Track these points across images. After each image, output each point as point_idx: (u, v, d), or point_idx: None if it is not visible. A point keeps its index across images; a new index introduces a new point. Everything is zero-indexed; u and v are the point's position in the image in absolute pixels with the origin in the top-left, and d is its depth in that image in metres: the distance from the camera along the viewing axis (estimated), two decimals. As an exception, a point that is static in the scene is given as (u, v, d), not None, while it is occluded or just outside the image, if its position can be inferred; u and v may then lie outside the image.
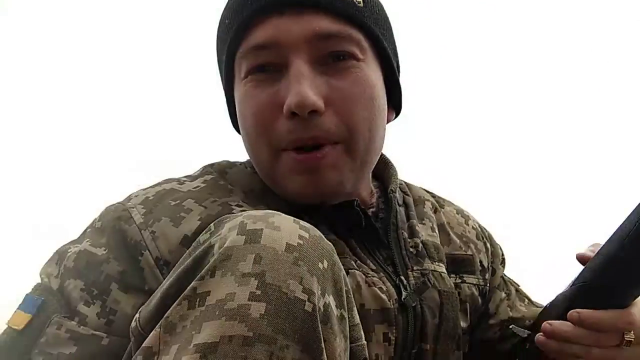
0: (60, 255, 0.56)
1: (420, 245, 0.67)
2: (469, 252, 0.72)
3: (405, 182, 0.76)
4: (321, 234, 0.44)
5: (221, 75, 0.66)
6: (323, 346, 0.39)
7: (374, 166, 0.65)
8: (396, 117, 0.70)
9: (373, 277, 0.59)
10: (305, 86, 0.54)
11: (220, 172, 0.65)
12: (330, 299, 0.41)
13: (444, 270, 0.66)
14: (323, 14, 0.56)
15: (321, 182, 0.57)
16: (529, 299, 0.82)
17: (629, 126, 1.88)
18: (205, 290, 0.39)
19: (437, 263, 0.66)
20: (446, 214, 0.75)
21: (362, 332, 0.46)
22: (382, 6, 0.64)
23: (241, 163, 0.68)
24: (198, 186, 0.61)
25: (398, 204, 0.69)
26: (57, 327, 0.50)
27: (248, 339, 0.36)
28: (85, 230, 0.58)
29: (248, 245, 0.39)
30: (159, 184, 0.61)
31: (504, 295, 0.79)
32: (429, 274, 0.64)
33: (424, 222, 0.70)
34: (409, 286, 0.62)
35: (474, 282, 0.71)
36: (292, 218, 0.43)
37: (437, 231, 0.71)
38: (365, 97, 0.58)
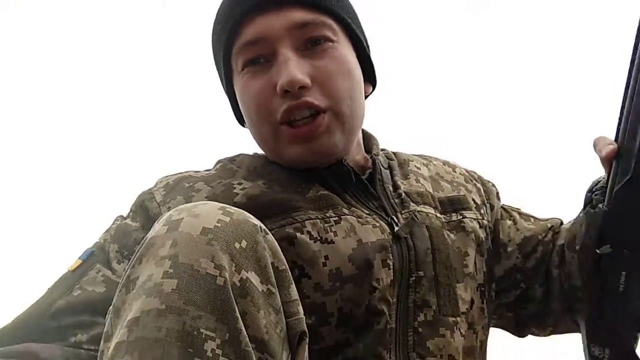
0: (111, 225, 0.71)
1: (404, 194, 0.75)
2: (462, 193, 0.80)
3: (393, 151, 0.85)
4: (247, 217, 0.49)
5: (220, 76, 0.78)
6: (238, 316, 0.43)
7: (359, 130, 0.77)
8: (373, 90, 0.81)
9: (366, 218, 0.69)
10: (292, 67, 0.65)
11: (230, 159, 0.78)
12: (251, 275, 0.45)
13: (432, 211, 0.74)
14: (299, 7, 0.67)
15: (317, 147, 0.69)
16: (534, 217, 0.88)
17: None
18: (135, 276, 0.46)
19: (422, 205, 0.74)
20: (435, 167, 0.84)
21: (300, 308, 0.50)
22: None
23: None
24: (210, 172, 0.75)
25: (382, 166, 0.78)
26: (97, 272, 0.64)
27: (161, 311, 0.42)
28: (130, 209, 0.74)
29: (168, 233, 0.46)
30: (181, 172, 0.75)
31: (509, 222, 0.85)
32: (416, 213, 0.72)
33: (408, 177, 0.79)
34: (399, 222, 0.70)
35: (473, 217, 0.78)
36: (219, 205, 0.49)
37: (427, 181, 0.79)
38: (343, 71, 0.69)
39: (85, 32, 2.00)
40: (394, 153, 0.85)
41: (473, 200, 0.80)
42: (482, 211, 0.80)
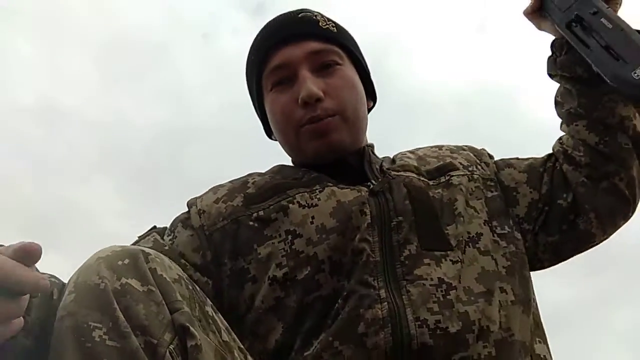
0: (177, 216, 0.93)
1: (387, 169, 0.91)
2: (447, 161, 0.94)
3: (394, 156, 1.00)
4: (135, 247, 0.65)
5: (252, 98, 1.01)
6: (117, 307, 0.58)
7: (364, 133, 0.96)
8: (374, 105, 1.03)
9: (348, 187, 0.86)
10: (310, 84, 0.87)
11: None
12: (131, 281, 0.60)
13: (413, 175, 0.89)
14: (314, 39, 0.91)
15: (330, 141, 0.88)
16: (532, 157, 1.00)
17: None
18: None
19: (402, 172, 0.90)
20: (422, 150, 0.99)
21: (183, 305, 0.62)
22: (347, 30, 0.99)
23: None
24: (240, 178, 0.95)
25: (373, 154, 0.97)
26: (151, 236, 0.87)
27: (62, 316, 0.57)
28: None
29: (78, 269, 0.62)
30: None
31: (509, 169, 0.97)
32: (393, 175, 0.89)
33: (394, 162, 0.95)
34: (376, 182, 0.88)
35: (461, 174, 0.92)
36: (121, 245, 0.65)
37: (413, 160, 0.94)
38: (348, 86, 0.91)
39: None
40: (394, 156, 1.00)
41: (460, 163, 0.94)
42: (471, 169, 0.94)
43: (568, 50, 0.88)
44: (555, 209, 0.92)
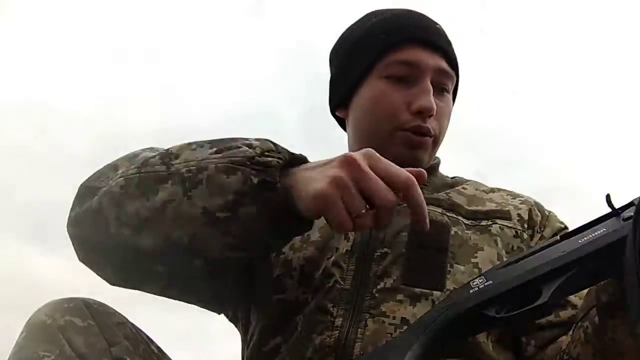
0: None
1: None
2: (506, 209, 0.89)
3: (466, 179, 0.98)
4: (83, 298, 0.72)
5: (345, 66, 0.95)
6: (62, 338, 0.67)
7: None
8: None
9: None
10: (432, 98, 0.86)
11: None
12: (74, 319, 0.69)
13: (436, 209, 0.84)
14: (444, 58, 0.89)
15: (415, 157, 0.88)
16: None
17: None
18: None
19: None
20: (493, 195, 0.93)
21: (123, 341, 0.71)
22: None
23: None
24: None
25: None
26: None
27: (15, 352, 0.67)
28: None
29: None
30: None
31: None
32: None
33: (439, 192, 0.91)
34: None
35: (509, 226, 0.86)
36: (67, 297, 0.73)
37: (462, 196, 0.90)
38: (447, 114, 0.92)
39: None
40: (466, 180, 0.97)
41: (518, 214, 0.88)
42: (524, 225, 0.87)
43: None
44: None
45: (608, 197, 0.58)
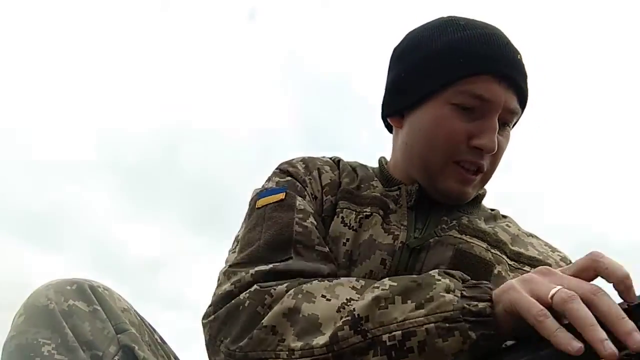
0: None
1: (455, 222, 0.86)
2: (548, 262, 0.86)
3: (494, 210, 0.97)
4: (84, 279, 0.72)
5: (411, 80, 0.89)
6: (65, 325, 0.66)
7: None
8: None
9: (392, 225, 0.84)
10: (495, 137, 0.82)
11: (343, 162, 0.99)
12: (78, 303, 0.68)
13: (478, 243, 0.83)
14: (516, 96, 0.84)
15: (463, 192, 0.86)
16: None
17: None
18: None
19: (466, 236, 0.84)
20: (533, 240, 0.92)
21: (130, 328, 0.70)
22: None
23: None
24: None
25: (455, 208, 0.92)
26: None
27: (12, 336, 0.66)
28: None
29: (29, 295, 0.71)
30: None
31: None
32: (445, 236, 0.83)
33: (484, 224, 0.89)
34: (418, 236, 0.83)
35: None
36: (69, 277, 0.72)
37: (506, 233, 0.88)
38: (505, 150, 0.88)
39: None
40: (504, 216, 0.97)
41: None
42: None
43: None
44: None
45: None
